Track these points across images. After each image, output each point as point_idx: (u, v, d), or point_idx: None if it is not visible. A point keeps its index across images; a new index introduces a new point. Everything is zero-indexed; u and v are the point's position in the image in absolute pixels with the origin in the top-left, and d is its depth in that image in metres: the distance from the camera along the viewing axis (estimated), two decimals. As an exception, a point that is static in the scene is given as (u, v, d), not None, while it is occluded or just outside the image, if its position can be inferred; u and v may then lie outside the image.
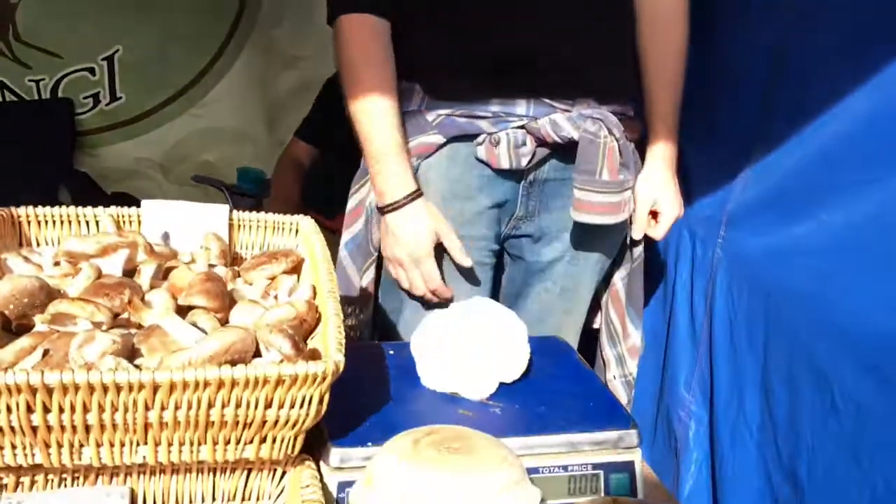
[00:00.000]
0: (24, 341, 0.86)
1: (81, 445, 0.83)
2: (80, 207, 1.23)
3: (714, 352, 1.86)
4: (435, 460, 0.78)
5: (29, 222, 1.20)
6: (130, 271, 1.09)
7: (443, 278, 1.52)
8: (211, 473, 0.95)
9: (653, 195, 1.67)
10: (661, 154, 1.67)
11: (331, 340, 0.89)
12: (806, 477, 1.54)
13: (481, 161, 1.52)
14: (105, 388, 0.78)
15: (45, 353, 0.85)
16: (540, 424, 1.03)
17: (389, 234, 1.50)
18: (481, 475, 0.77)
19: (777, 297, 1.66)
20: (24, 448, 0.81)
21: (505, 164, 1.50)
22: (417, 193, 1.48)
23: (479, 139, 1.50)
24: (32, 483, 0.90)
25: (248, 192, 3.02)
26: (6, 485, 0.89)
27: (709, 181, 1.92)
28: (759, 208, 1.75)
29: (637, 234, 1.70)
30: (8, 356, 0.84)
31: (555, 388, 1.11)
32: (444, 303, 1.52)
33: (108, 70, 3.06)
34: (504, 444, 0.84)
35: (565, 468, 1.00)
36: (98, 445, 0.83)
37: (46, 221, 1.21)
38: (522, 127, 1.50)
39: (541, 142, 1.52)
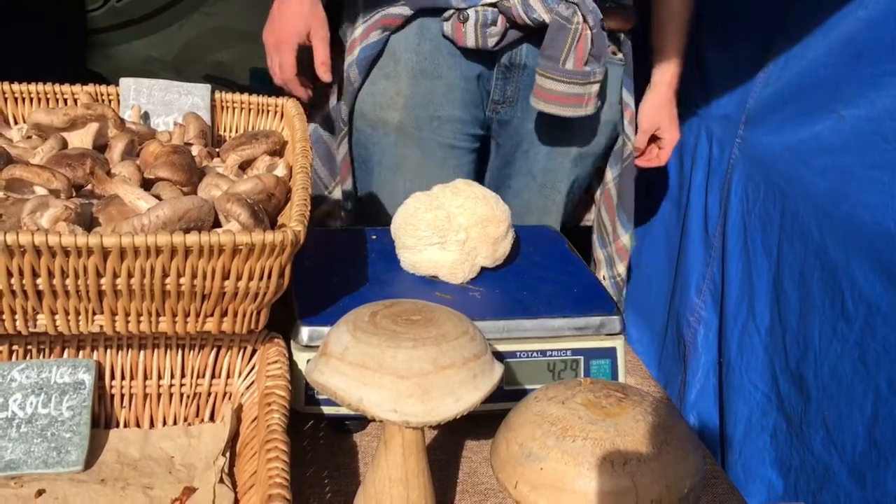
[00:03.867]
0: (-26, 206, 0.83)
1: (35, 312, 0.81)
2: (58, 84, 1.19)
3: (726, 255, 1.80)
4: (391, 331, 0.74)
5: (6, 99, 1.17)
6: (103, 147, 1.06)
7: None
8: (179, 349, 0.94)
9: (656, 120, 1.62)
10: (667, 78, 1.63)
11: (294, 212, 0.85)
12: (812, 380, 1.50)
13: (448, 38, 1.44)
14: (52, 252, 0.75)
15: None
16: (520, 309, 0.99)
17: (269, 17, 1.52)
18: (438, 346, 0.73)
19: (793, 198, 1.59)
20: (-24, 312, 0.80)
21: (471, 43, 1.42)
22: None
23: (447, 14, 1.42)
24: (-4, 353, 0.89)
25: (260, 92, 2.96)
26: (-30, 354, 0.88)
27: (728, 78, 1.83)
28: (778, 105, 1.66)
29: (643, 162, 1.65)
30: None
31: (539, 274, 1.07)
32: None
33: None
34: (467, 320, 0.80)
35: (544, 353, 0.96)
36: (52, 313, 0.81)
37: (24, 99, 1.18)
38: (494, 5, 1.41)
39: (513, 23, 1.42)
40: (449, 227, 1.02)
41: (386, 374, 0.72)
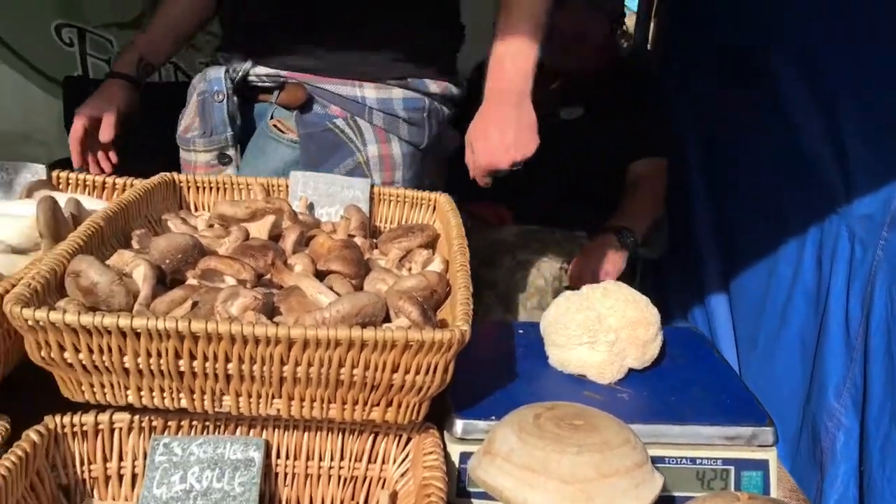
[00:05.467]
0: (176, 293, 0.92)
1: (222, 394, 0.88)
2: (234, 177, 1.31)
3: (869, 359, 1.74)
4: (555, 435, 0.77)
5: (189, 188, 1.30)
6: (276, 236, 1.15)
7: None
8: (340, 433, 0.99)
9: (470, 138, 1.37)
10: (490, 96, 1.35)
11: (458, 311, 0.90)
12: (964, 498, 1.42)
13: None
14: (245, 340, 0.82)
15: (194, 304, 0.91)
16: (669, 413, 0.99)
17: None
18: (602, 454, 0.75)
19: (943, 304, 1.53)
20: (172, 392, 0.87)
21: None
22: (112, 75, 1.62)
23: None
24: (178, 427, 0.97)
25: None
26: (155, 427, 0.96)
27: (872, 178, 1.79)
28: (927, 207, 1.62)
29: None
30: (162, 306, 0.91)
31: (687, 378, 1.08)
32: None
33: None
34: (628, 427, 0.82)
35: (693, 461, 0.96)
36: (237, 395, 0.88)
37: (204, 187, 1.31)
38: None
39: None
40: (599, 328, 1.04)
41: (551, 478, 0.74)
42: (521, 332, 1.18)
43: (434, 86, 1.52)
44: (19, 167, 1.25)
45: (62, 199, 1.17)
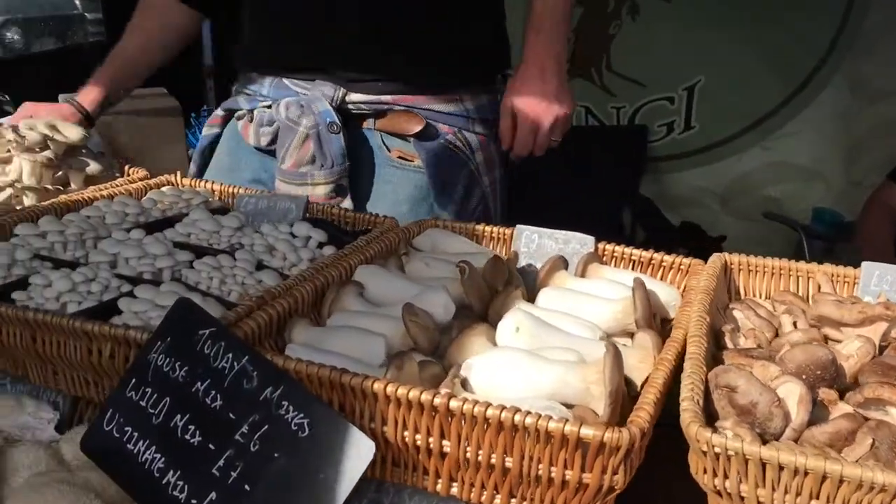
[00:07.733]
0: (840, 424, 0.79)
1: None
2: (793, 261, 1.19)
3: None
4: None
5: (740, 270, 1.20)
6: (882, 346, 0.99)
7: None
8: None
9: (509, 102, 1.46)
10: (529, 58, 1.46)
11: None
12: None
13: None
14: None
15: (871, 443, 0.77)
16: None
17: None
18: None
19: None
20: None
21: (252, 142, 1.56)
22: (72, 102, 1.64)
23: (238, 114, 1.59)
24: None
25: (821, 235, 2.82)
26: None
27: None
28: None
29: (504, 144, 1.52)
30: (823, 437, 0.79)
31: None
32: None
33: (687, 99, 3.10)
34: None
35: None
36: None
37: (756, 271, 1.20)
38: (270, 107, 1.53)
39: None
40: None
41: None
42: None
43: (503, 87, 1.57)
44: (570, 237, 1.23)
45: (625, 277, 1.12)
